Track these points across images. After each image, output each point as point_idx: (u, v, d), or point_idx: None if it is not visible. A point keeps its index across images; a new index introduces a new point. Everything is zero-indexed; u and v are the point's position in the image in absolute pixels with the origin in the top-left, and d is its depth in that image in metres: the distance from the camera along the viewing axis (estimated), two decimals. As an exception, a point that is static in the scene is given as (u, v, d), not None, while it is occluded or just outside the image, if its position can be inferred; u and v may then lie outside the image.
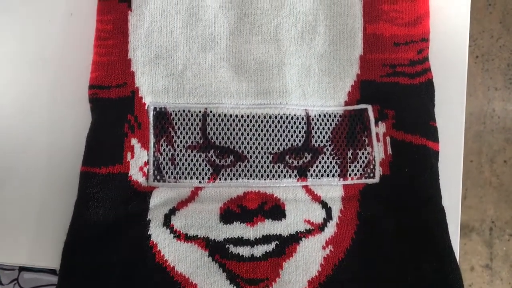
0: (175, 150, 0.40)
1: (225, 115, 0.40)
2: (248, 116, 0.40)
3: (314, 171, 0.40)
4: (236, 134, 0.40)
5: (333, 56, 0.42)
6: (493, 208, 1.20)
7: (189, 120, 0.40)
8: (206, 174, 0.39)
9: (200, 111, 0.40)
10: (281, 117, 0.40)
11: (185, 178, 0.39)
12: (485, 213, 1.20)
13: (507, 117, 1.24)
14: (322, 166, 0.40)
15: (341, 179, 0.40)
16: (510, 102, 1.23)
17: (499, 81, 1.24)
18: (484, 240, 1.17)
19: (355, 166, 0.40)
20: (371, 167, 0.40)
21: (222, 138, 0.40)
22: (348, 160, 0.41)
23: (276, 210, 0.39)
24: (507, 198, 1.20)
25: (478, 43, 1.25)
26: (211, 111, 0.40)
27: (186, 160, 0.40)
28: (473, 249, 1.16)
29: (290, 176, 0.40)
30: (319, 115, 0.41)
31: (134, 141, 0.39)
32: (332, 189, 0.40)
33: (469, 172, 1.21)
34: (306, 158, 0.40)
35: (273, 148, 0.40)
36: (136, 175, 0.39)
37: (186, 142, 0.40)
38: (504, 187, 1.21)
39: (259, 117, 0.40)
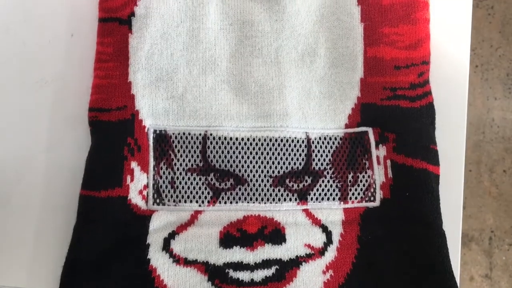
0: (175, 173, 0.40)
1: (225, 138, 0.40)
2: (248, 139, 0.40)
3: (314, 194, 0.40)
4: (236, 157, 0.40)
5: (334, 79, 0.42)
6: (493, 218, 1.20)
7: (189, 143, 0.40)
8: (206, 197, 0.40)
9: (200, 134, 0.40)
10: (282, 140, 0.40)
11: (185, 201, 0.39)
12: (484, 222, 1.20)
13: (506, 127, 1.24)
14: (323, 190, 0.40)
15: (342, 202, 0.40)
16: (509, 111, 1.24)
17: (498, 91, 1.25)
18: (484, 250, 1.17)
19: (356, 190, 0.41)
20: (372, 190, 0.41)
21: (222, 161, 0.40)
22: (349, 184, 0.41)
23: (276, 234, 0.39)
24: (507, 208, 1.20)
25: (477, 53, 1.26)
26: (211, 134, 0.40)
27: (186, 183, 0.40)
28: (472, 259, 1.16)
29: (290, 199, 0.40)
30: (320, 138, 0.41)
31: (133, 164, 0.39)
32: (332, 212, 0.40)
33: (469, 181, 1.21)
34: (306, 181, 0.40)
35: (273, 172, 0.40)
36: (135, 198, 0.39)
37: (186, 165, 0.40)
38: (504, 197, 1.21)
39: (259, 140, 0.40)
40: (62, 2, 0.43)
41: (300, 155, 0.40)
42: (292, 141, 0.40)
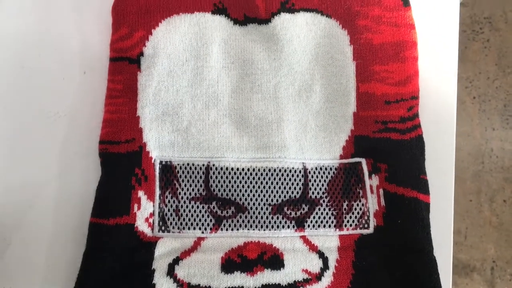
0: (179, 202, 0.41)
1: (227, 168, 0.42)
2: (248, 169, 0.42)
3: (311, 222, 0.42)
4: (237, 186, 0.42)
5: (329, 113, 0.44)
6: (494, 248, 1.20)
7: (193, 173, 0.42)
8: (208, 224, 0.41)
9: (203, 165, 0.42)
10: (280, 170, 0.42)
11: (189, 228, 0.41)
12: (486, 252, 1.20)
13: (505, 157, 1.25)
14: (319, 217, 0.42)
15: (337, 229, 0.42)
16: (507, 142, 1.25)
17: (496, 121, 1.26)
18: (486, 280, 1.16)
19: (351, 217, 0.42)
20: (366, 218, 0.42)
21: (224, 190, 0.42)
22: (344, 211, 0.42)
23: (275, 260, 0.40)
24: (508, 238, 1.20)
25: (474, 84, 1.27)
26: (213, 165, 0.42)
27: (189, 211, 0.41)
28: (474, 289, 1.16)
29: (288, 226, 0.41)
30: (316, 168, 0.43)
31: (140, 193, 0.41)
32: (328, 239, 0.42)
33: (469, 211, 1.21)
34: (303, 209, 0.42)
35: (272, 200, 0.42)
36: (142, 226, 0.40)
37: (190, 194, 0.42)
38: (504, 226, 1.21)
39: (259, 170, 0.42)
40: (76, 41, 0.45)
41: (297, 184, 0.42)
42: (290, 171, 0.42)
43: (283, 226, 0.41)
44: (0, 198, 0.43)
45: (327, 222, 0.42)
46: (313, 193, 0.42)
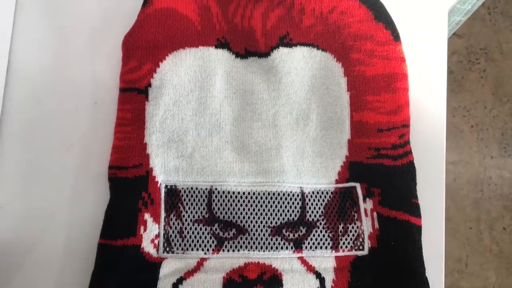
0: (183, 224, 0.43)
1: (228, 192, 0.44)
2: (249, 193, 0.44)
3: (308, 243, 0.43)
4: (238, 209, 0.43)
5: (325, 140, 0.46)
6: (495, 276, 1.20)
7: (196, 196, 0.44)
8: (211, 246, 0.43)
9: (206, 189, 0.44)
10: (279, 194, 0.44)
11: (192, 249, 0.43)
12: (487, 280, 1.20)
13: (504, 185, 1.25)
14: (316, 239, 0.43)
15: (333, 251, 0.43)
16: (506, 170, 1.26)
17: (494, 150, 1.27)
18: (488, 308, 1.16)
19: (346, 239, 0.44)
20: (361, 240, 0.44)
21: (226, 213, 0.43)
22: (340, 234, 0.44)
23: (274, 280, 0.42)
24: (508, 265, 1.20)
25: (472, 113, 1.29)
26: (216, 189, 0.44)
27: (193, 233, 0.43)
28: (476, 318, 1.16)
29: (286, 248, 0.43)
30: (313, 192, 0.44)
31: (147, 216, 0.42)
32: (325, 260, 0.43)
33: (469, 239, 1.22)
34: (301, 231, 0.43)
35: (271, 222, 0.43)
36: (147, 247, 0.42)
37: (193, 216, 0.43)
38: (505, 254, 1.21)
39: (259, 194, 0.44)
40: (88, 74, 0.48)
41: (295, 207, 0.44)
42: (288, 195, 0.44)
43: (281, 248, 0.43)
44: (14, 223, 0.44)
45: (323, 243, 0.43)
46: (310, 216, 0.44)
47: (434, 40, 0.51)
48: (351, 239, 0.44)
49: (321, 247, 0.43)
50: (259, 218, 0.43)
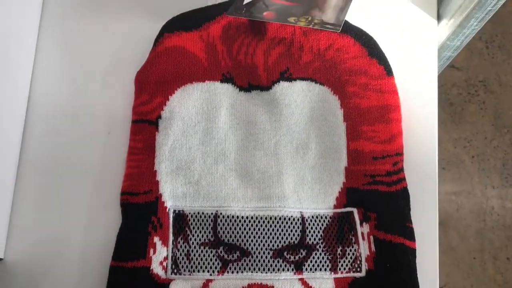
0: (190, 247, 0.45)
1: (233, 217, 0.46)
2: (252, 218, 0.46)
3: (308, 265, 0.45)
4: (242, 232, 0.45)
5: (323, 167, 0.48)
6: None
7: (202, 220, 0.46)
8: (216, 267, 0.44)
9: (212, 213, 0.46)
10: (280, 218, 0.46)
11: (198, 271, 0.44)
12: (492, 310, 1.19)
13: (506, 215, 1.25)
14: (316, 261, 0.45)
15: (332, 272, 0.45)
16: (507, 200, 1.25)
17: (495, 180, 1.27)
18: None
19: (344, 261, 0.45)
20: (358, 262, 0.45)
21: (230, 236, 0.45)
22: (338, 256, 0.45)
23: None
24: (513, 296, 1.19)
25: (472, 144, 1.30)
26: (221, 213, 0.46)
27: (199, 255, 0.45)
28: None
29: (288, 270, 0.45)
30: (312, 217, 0.46)
31: (156, 239, 0.44)
32: (324, 281, 0.44)
33: (473, 269, 1.21)
34: (301, 254, 0.45)
35: (273, 245, 0.45)
36: (156, 268, 0.44)
37: (200, 239, 0.45)
38: (509, 284, 1.20)
39: (261, 218, 0.46)
40: (102, 106, 0.51)
41: (295, 231, 0.46)
42: (289, 219, 0.46)
43: (283, 269, 0.45)
44: (31, 248, 0.47)
45: (323, 265, 0.45)
46: (310, 239, 0.46)
47: (425, 75, 0.54)
48: (349, 261, 0.45)
49: (320, 269, 0.45)
50: (261, 241, 0.45)
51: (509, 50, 1.35)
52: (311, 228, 0.46)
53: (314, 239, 0.46)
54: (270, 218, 0.46)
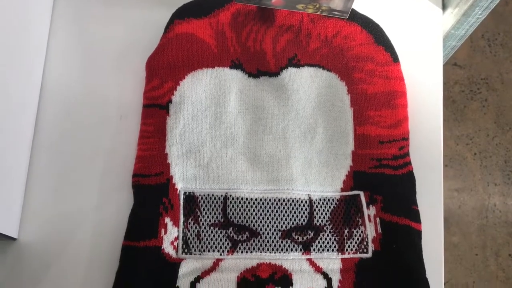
0: (200, 227, 0.46)
1: (242, 199, 0.47)
2: (261, 200, 0.47)
3: (316, 246, 0.46)
4: (251, 214, 0.46)
5: (330, 151, 0.49)
6: None
7: (212, 202, 0.47)
8: (225, 247, 0.45)
9: (221, 195, 0.47)
10: (288, 201, 0.47)
11: (208, 251, 0.45)
12: (494, 306, 1.19)
13: (508, 212, 1.25)
14: (323, 242, 0.46)
15: (339, 253, 0.46)
16: (509, 197, 1.26)
17: (497, 177, 1.28)
18: (496, 335, 1.15)
19: (351, 243, 0.46)
20: (365, 243, 0.46)
21: (240, 218, 0.46)
22: (345, 237, 0.46)
23: (284, 280, 0.44)
24: (515, 292, 1.19)
25: (475, 141, 1.30)
26: (230, 195, 0.47)
27: (209, 236, 0.46)
28: None
29: (296, 250, 0.46)
30: (320, 199, 0.47)
31: (167, 220, 0.45)
32: (332, 262, 0.46)
33: (475, 265, 1.22)
34: (309, 235, 0.46)
35: (281, 226, 0.46)
36: (167, 248, 0.45)
37: (210, 220, 0.46)
38: (511, 281, 1.20)
39: (270, 200, 0.47)
40: (114, 92, 0.52)
41: (303, 213, 0.47)
42: (297, 201, 0.47)
43: (291, 250, 0.46)
44: (45, 228, 0.48)
45: (330, 246, 0.46)
46: (317, 221, 0.47)
47: (430, 63, 0.55)
48: (356, 242, 0.46)
49: (328, 250, 0.46)
50: (270, 222, 0.46)
51: (511, 48, 1.36)
52: (319, 210, 0.47)
53: (322, 221, 0.47)
54: (279, 200, 0.47)
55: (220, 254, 0.45)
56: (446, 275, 1.18)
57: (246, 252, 0.45)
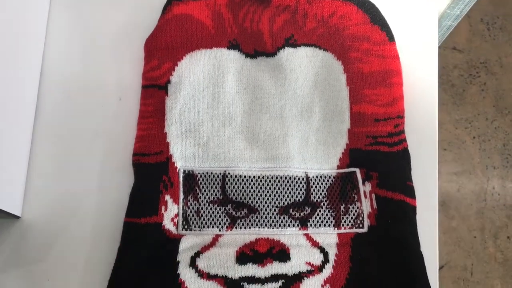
0: (199, 204, 0.47)
1: (240, 176, 0.47)
2: (259, 177, 0.47)
3: (313, 221, 0.47)
4: (249, 191, 0.47)
5: (327, 130, 0.50)
6: (501, 284, 1.19)
7: (211, 180, 0.47)
8: (224, 224, 0.46)
9: (220, 173, 0.48)
10: (285, 178, 0.47)
11: (208, 227, 0.46)
12: (492, 288, 1.20)
13: (506, 195, 1.26)
14: (320, 218, 0.47)
15: (336, 228, 0.47)
16: (508, 180, 1.26)
17: (496, 160, 1.28)
18: (494, 316, 1.17)
19: (347, 218, 0.47)
20: (360, 219, 0.47)
21: (238, 195, 0.47)
22: (341, 213, 0.47)
23: (282, 254, 0.45)
24: (513, 274, 1.20)
25: (474, 125, 1.30)
26: (229, 173, 0.48)
27: (208, 212, 0.47)
28: (484, 326, 1.16)
29: (293, 225, 0.46)
30: (316, 177, 0.48)
31: (167, 197, 0.46)
32: (328, 236, 0.46)
33: (474, 248, 1.22)
34: (306, 211, 0.47)
35: (279, 203, 0.47)
36: (168, 224, 0.46)
37: (209, 198, 0.47)
38: (509, 263, 1.21)
39: (267, 177, 0.47)
40: (113, 73, 0.52)
41: (300, 190, 0.47)
42: (294, 178, 0.48)
43: (288, 225, 0.46)
44: (47, 207, 0.49)
45: (327, 222, 0.47)
46: (314, 197, 0.47)
47: (426, 43, 0.55)
48: (351, 218, 0.47)
49: (324, 225, 0.47)
50: (268, 199, 0.47)
51: (510, 31, 1.35)
52: (316, 187, 0.48)
53: (319, 197, 0.48)
54: (276, 178, 0.48)
55: (219, 230, 0.46)
56: (445, 257, 1.19)
57: (245, 228, 0.46)
